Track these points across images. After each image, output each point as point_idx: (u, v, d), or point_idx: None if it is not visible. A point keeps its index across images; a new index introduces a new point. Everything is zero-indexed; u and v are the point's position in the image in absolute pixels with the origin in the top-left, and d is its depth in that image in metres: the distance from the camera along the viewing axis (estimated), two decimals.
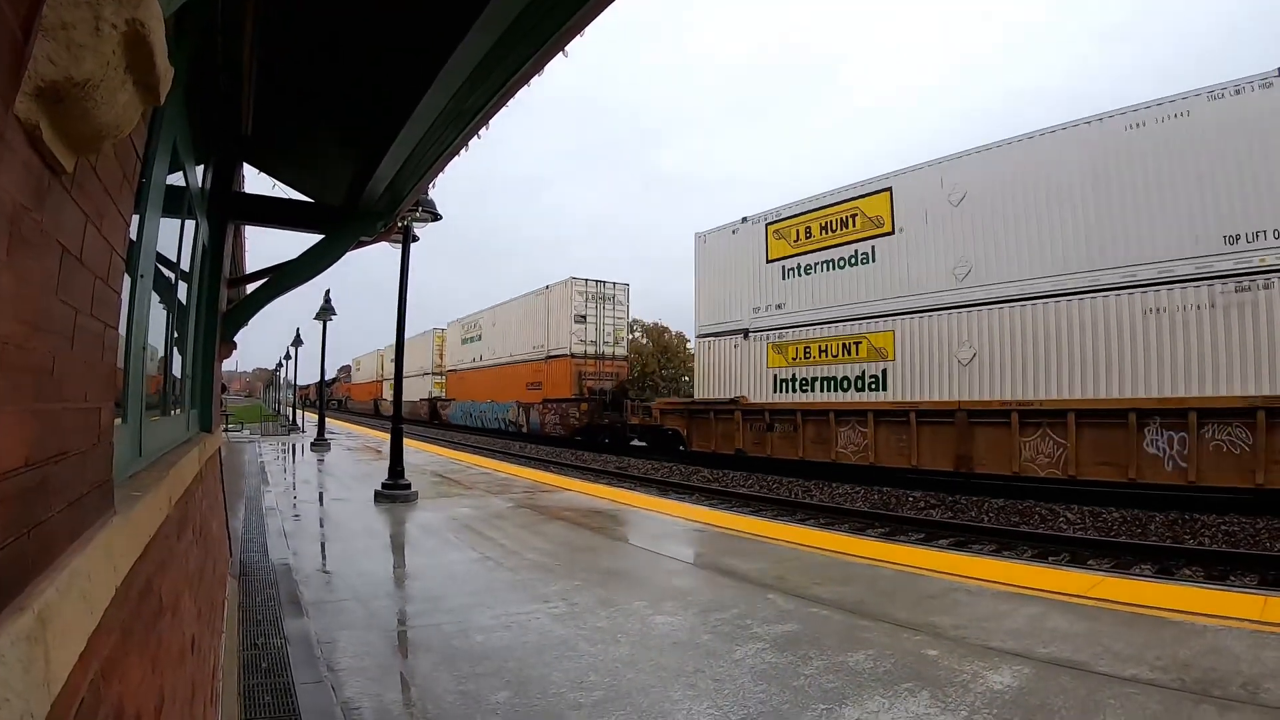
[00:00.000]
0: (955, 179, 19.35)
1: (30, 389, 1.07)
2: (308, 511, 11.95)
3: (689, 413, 26.88)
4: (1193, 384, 14.53)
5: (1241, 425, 13.41)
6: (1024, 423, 16.47)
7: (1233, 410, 13.57)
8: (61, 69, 0.99)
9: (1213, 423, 13.78)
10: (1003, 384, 17.81)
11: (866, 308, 21.34)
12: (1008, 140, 18.64)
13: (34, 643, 0.93)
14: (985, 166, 18.80)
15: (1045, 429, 16.12)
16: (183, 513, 3.15)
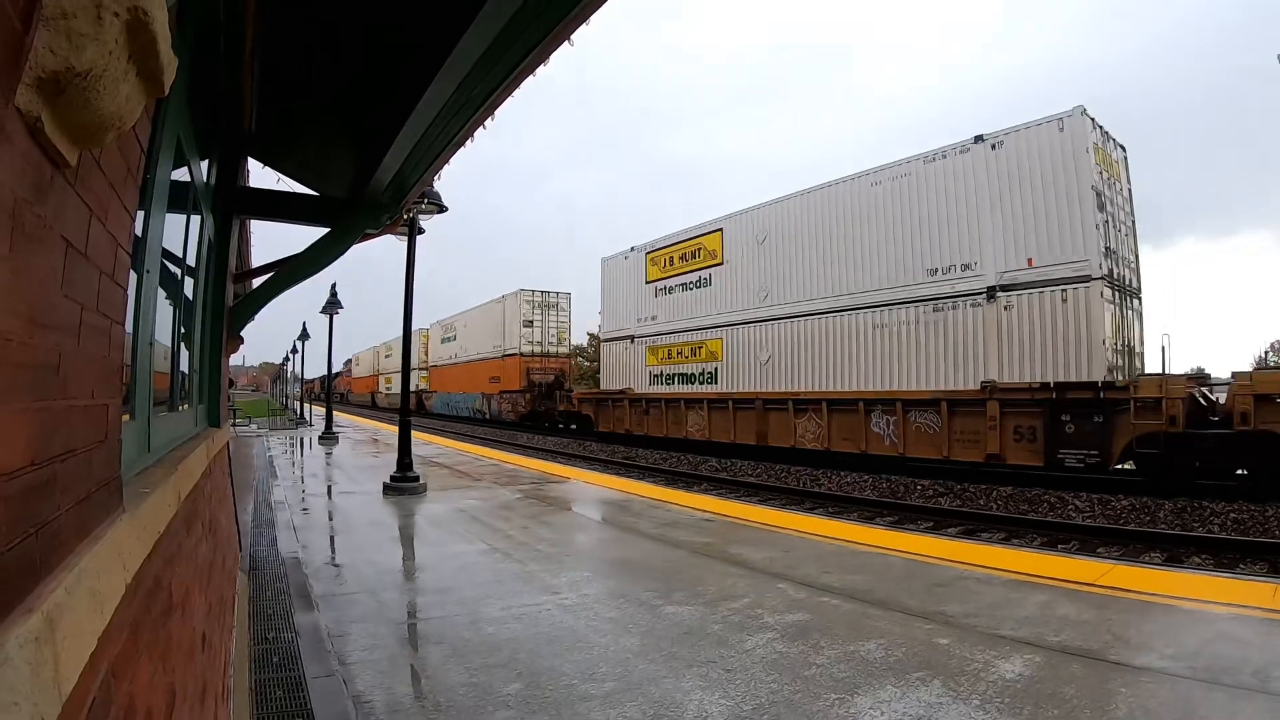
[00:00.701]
0: (761, 224, 25.96)
1: (36, 386, 1.06)
2: (316, 505, 11.99)
3: (595, 400, 34.39)
4: (902, 381, 20.05)
5: (933, 412, 18.78)
6: (797, 408, 22.83)
7: (926, 400, 18.95)
8: (63, 59, 0.97)
9: (915, 410, 19.24)
10: (787, 379, 24.13)
11: (706, 320, 28.15)
12: (794, 193, 24.78)
13: (42, 644, 0.91)
14: (778, 214, 25.22)
15: (811, 413, 22.41)
16: (191, 508, 3.14)
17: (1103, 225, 16.63)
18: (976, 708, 3.95)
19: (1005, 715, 3.86)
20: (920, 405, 19.06)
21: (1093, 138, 16.94)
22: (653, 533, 8.95)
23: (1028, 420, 16.74)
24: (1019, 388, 17.02)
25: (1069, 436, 16.02)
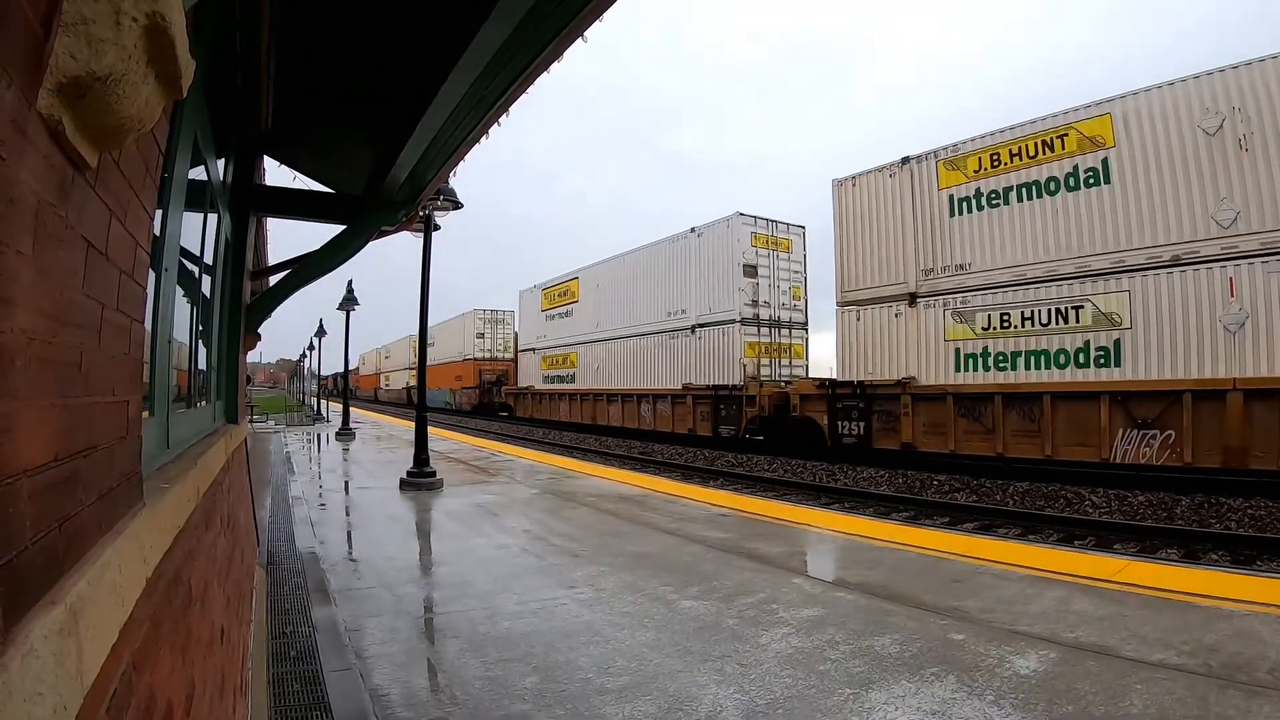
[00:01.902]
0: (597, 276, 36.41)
1: (58, 383, 1.08)
2: (333, 500, 12.05)
3: (515, 394, 46.08)
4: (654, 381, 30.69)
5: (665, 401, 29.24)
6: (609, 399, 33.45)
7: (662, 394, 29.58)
8: (83, 64, 0.99)
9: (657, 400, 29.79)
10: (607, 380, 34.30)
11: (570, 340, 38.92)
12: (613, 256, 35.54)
13: (66, 635, 0.94)
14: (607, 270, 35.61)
15: (619, 401, 32.66)
16: (210, 503, 3.18)
17: (749, 287, 26.59)
18: (991, 703, 3.95)
19: (1020, 711, 3.85)
20: (659, 397, 29.65)
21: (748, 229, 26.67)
22: (668, 527, 8.97)
23: (706, 407, 26.48)
24: (701, 387, 27.21)
25: (723, 417, 25.49)
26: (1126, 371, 15.17)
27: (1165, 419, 14.17)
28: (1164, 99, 14.98)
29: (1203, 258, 14.13)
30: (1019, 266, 17.15)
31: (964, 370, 18.17)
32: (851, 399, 20.38)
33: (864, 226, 21.25)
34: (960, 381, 18.05)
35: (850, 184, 21.75)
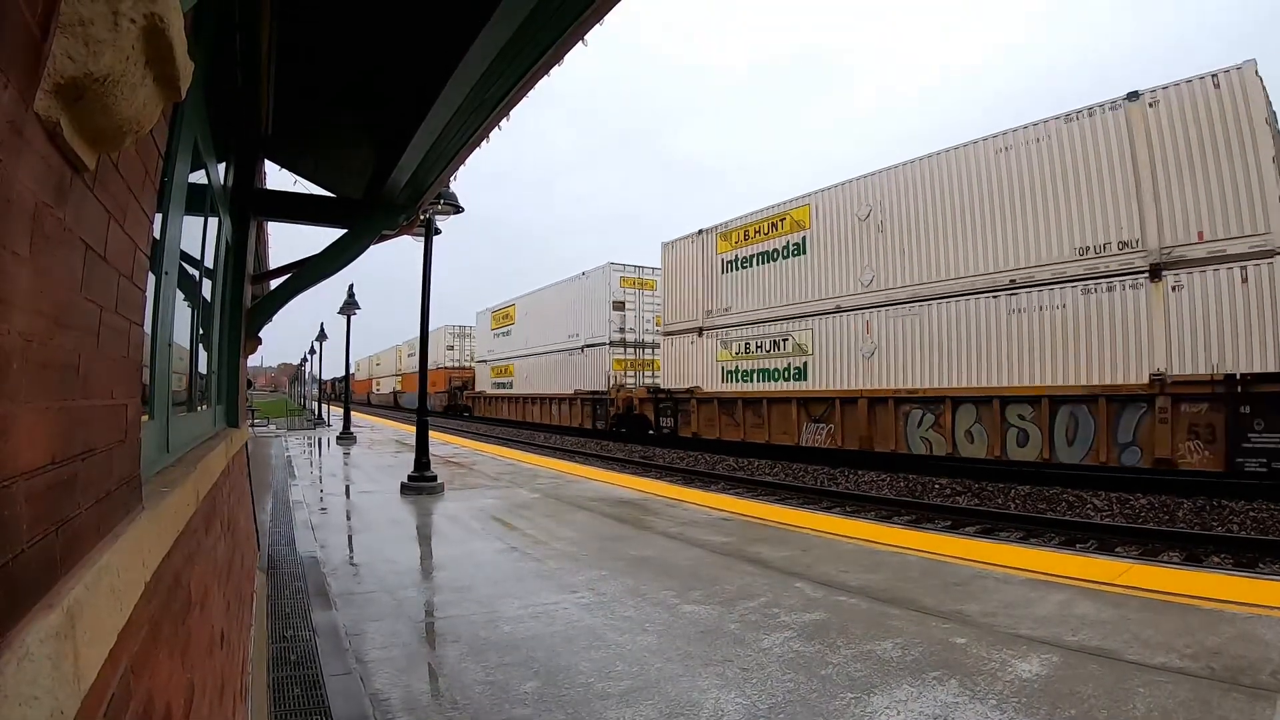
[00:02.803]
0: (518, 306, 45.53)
1: (57, 386, 1.08)
2: (334, 504, 12.05)
3: (472, 397, 53.63)
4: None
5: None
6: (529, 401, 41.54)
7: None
8: (80, 65, 0.98)
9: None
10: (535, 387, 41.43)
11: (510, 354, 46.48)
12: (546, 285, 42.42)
13: (63, 639, 0.93)
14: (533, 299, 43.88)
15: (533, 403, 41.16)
16: (210, 507, 3.17)
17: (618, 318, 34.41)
18: (993, 707, 3.94)
19: (1022, 715, 3.84)
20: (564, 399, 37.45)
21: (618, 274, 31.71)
22: (670, 531, 8.96)
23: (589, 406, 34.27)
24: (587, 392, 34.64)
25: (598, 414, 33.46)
26: (809, 384, 22.31)
27: (828, 416, 21.17)
28: (838, 195, 21.85)
29: (852, 306, 20.98)
30: (755, 310, 24.70)
31: (726, 382, 25.79)
32: (665, 401, 28.52)
33: (676, 278, 29.28)
34: (723, 390, 25.72)
35: (671, 246, 29.65)
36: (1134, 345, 15.04)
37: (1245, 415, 13.22)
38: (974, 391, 17.45)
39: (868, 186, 20.85)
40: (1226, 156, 13.97)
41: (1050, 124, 16.65)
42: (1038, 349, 16.50)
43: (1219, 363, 13.85)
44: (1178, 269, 14.46)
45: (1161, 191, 14.81)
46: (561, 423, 37.76)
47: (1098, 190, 15.72)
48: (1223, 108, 14.02)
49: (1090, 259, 15.81)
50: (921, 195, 19.29)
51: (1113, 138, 15.53)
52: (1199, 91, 14.41)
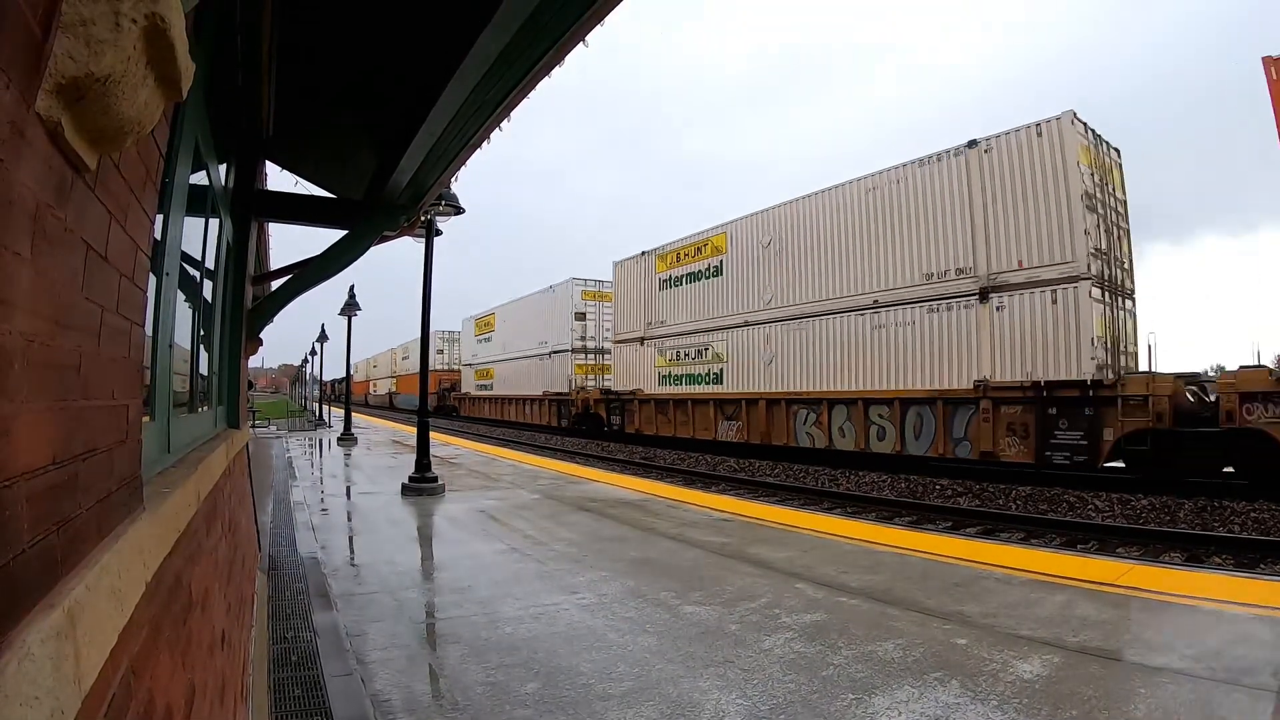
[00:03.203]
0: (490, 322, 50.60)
1: (57, 386, 1.08)
2: (335, 505, 12.05)
3: (459, 398, 58.20)
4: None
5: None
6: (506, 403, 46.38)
7: None
8: (82, 65, 0.98)
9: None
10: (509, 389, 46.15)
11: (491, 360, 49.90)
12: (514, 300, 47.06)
13: (64, 639, 0.93)
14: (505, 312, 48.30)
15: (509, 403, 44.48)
16: (211, 508, 3.17)
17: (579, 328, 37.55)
18: (995, 708, 3.93)
19: (1023, 715, 3.84)
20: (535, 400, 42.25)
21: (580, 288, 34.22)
22: (671, 533, 8.96)
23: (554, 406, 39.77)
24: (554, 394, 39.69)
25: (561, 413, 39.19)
26: (723, 388, 26.30)
27: (737, 415, 25.22)
28: (748, 224, 25.75)
29: (756, 321, 24.87)
30: (684, 323, 28.87)
31: (663, 385, 29.88)
32: (615, 402, 32.90)
33: (624, 293, 33.41)
34: (659, 392, 29.90)
35: (620, 265, 33.88)
36: (964, 356, 18.08)
37: (1052, 416, 16.24)
38: (845, 394, 21.11)
39: (770, 218, 24.74)
40: (1044, 195, 16.68)
41: (908, 167, 19.76)
42: (893, 359, 19.84)
43: (1031, 371, 16.70)
44: (1001, 292, 17.38)
45: (991, 225, 17.66)
46: (533, 421, 42.75)
47: (942, 224, 18.76)
48: (1043, 153, 16.71)
49: (934, 283, 18.90)
50: (809, 227, 22.94)
51: (955, 179, 18.43)
52: (1024, 139, 17.10)
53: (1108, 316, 16.56)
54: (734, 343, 25.88)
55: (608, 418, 33.43)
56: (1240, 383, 13.94)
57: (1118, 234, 17.55)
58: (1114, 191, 17.61)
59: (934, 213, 18.93)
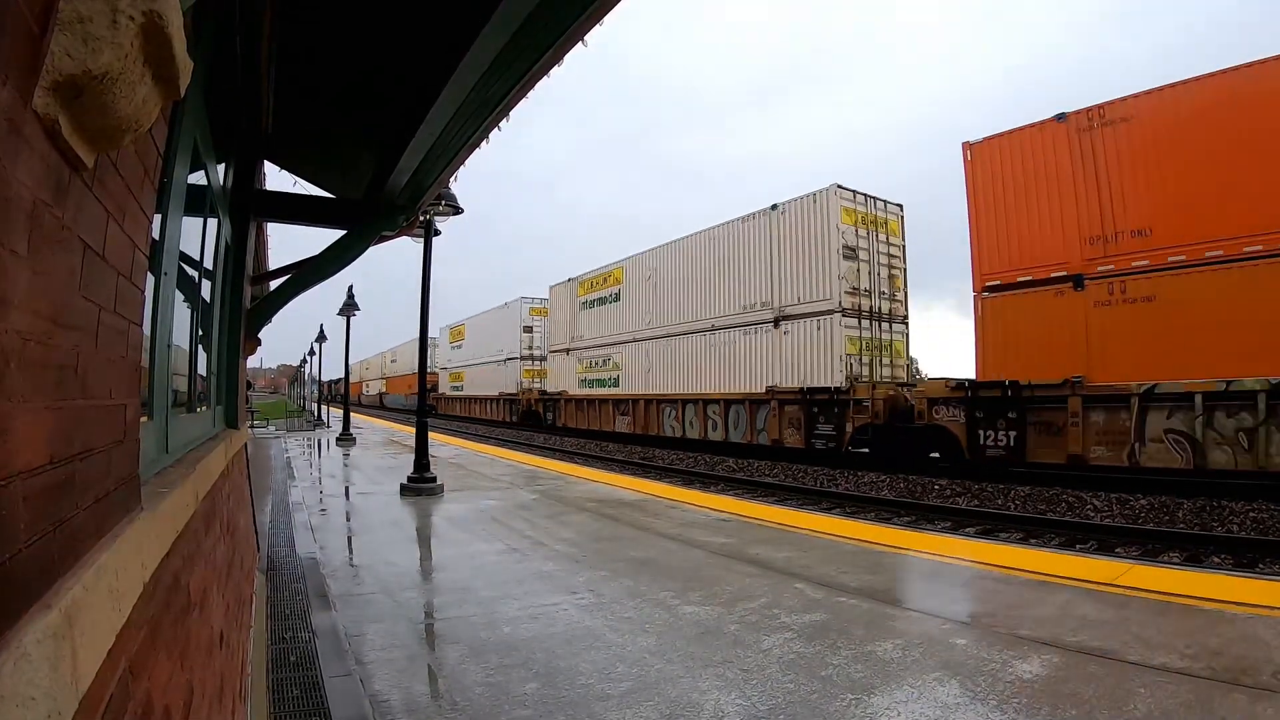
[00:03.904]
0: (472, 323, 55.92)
1: (54, 386, 1.07)
2: (334, 505, 12.04)
3: (437, 398, 61.49)
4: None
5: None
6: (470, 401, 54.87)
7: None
8: (79, 62, 0.98)
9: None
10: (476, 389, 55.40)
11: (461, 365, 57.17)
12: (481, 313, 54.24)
13: (61, 640, 0.93)
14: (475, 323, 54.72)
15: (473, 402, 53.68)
16: (210, 508, 3.17)
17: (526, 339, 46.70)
18: (994, 708, 3.93)
19: (1024, 715, 3.84)
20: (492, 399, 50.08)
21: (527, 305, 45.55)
22: (670, 533, 8.96)
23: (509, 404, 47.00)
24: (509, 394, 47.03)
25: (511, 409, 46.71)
26: (619, 390, 33.51)
27: (627, 411, 32.33)
28: (639, 261, 32.96)
29: (641, 338, 32.01)
30: (595, 339, 36.21)
31: (581, 388, 37.30)
32: (549, 401, 41.06)
33: (557, 312, 41.11)
34: (579, 394, 37.32)
35: (554, 289, 41.46)
36: (764, 368, 24.81)
37: (814, 413, 22.54)
38: (692, 395, 28.06)
39: (653, 256, 31.87)
40: (815, 247, 23.00)
41: (733, 224, 26.82)
42: (722, 370, 26.73)
43: (803, 380, 23.05)
44: (787, 320, 23.98)
45: (782, 270, 24.26)
46: (493, 418, 50.22)
47: (754, 268, 25.54)
48: (815, 216, 23.06)
49: (748, 313, 25.73)
50: (675, 265, 29.98)
51: (762, 234, 25.11)
52: (804, 204, 23.51)
53: (863, 339, 22.54)
54: (627, 355, 33.35)
55: (544, 414, 41.85)
56: (928, 390, 19.42)
57: (890, 274, 23.64)
58: (889, 239, 23.66)
59: (749, 259, 25.85)
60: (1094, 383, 15.59)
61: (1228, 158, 14.12)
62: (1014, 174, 17.60)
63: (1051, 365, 16.24)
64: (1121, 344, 15.48)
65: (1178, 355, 14.39)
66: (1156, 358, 14.74)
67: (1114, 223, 15.82)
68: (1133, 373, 14.93)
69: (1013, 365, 17.30)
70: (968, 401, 17.86)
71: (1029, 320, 17.15)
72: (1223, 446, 13.58)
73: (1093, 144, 16.13)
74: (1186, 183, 14.70)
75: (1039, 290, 16.95)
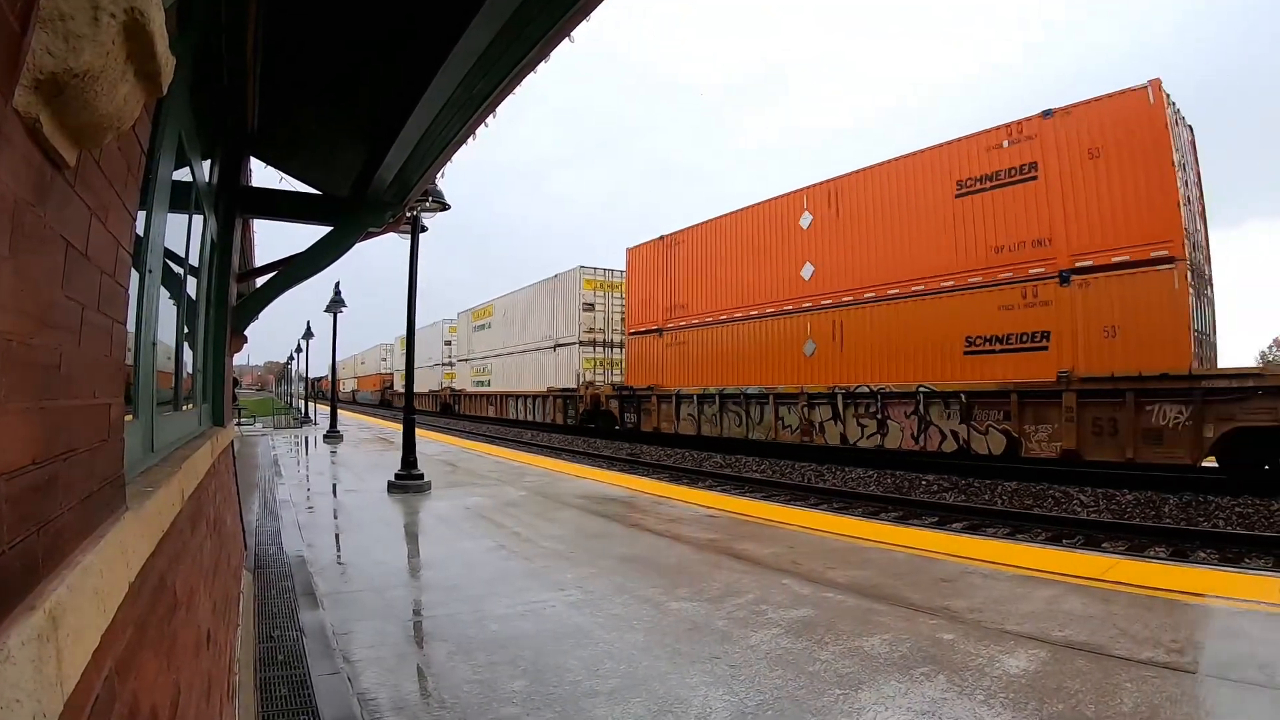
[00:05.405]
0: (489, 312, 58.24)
1: (37, 385, 1.06)
2: (321, 503, 11.99)
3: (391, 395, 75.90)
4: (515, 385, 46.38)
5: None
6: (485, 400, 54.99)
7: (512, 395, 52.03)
8: (60, 60, 0.97)
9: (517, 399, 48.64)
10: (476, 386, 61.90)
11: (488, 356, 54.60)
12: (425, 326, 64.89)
13: (45, 641, 0.92)
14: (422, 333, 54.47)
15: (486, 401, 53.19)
16: (196, 507, 3.15)
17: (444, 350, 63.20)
18: (981, 703, 3.95)
19: (1010, 710, 3.86)
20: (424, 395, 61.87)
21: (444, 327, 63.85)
22: (657, 529, 8.97)
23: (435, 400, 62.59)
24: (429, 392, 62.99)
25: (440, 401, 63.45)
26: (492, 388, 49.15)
27: (497, 402, 47.50)
28: (502, 302, 48.49)
29: (519, 350, 44.01)
30: (483, 351, 51.02)
31: (475, 387, 51.70)
32: (454, 395, 56.98)
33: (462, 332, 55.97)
34: (471, 390, 52.56)
35: (461, 315, 56.31)
36: (545, 374, 39.64)
37: (566, 403, 37.23)
38: (514, 392, 43.75)
39: (508, 301, 47.20)
40: (567, 305, 37.53)
41: (540, 284, 41.57)
42: (542, 373, 39.92)
43: (564, 384, 36.81)
44: (559, 347, 38.41)
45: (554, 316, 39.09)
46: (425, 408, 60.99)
47: (548, 317, 39.96)
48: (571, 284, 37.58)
49: (542, 341, 39.94)
50: (521, 307, 44.20)
51: (548, 293, 40.11)
52: (568, 276, 38.05)
53: (597, 358, 37.04)
54: (500, 364, 47.87)
55: (453, 404, 57.95)
56: (604, 391, 33.97)
57: (621, 317, 35.85)
58: (619, 295, 36.30)
59: (547, 311, 40.30)
60: (663, 388, 29.54)
61: (719, 266, 27.12)
62: (643, 268, 31.86)
63: (647, 378, 30.85)
64: (674, 367, 29.25)
65: (693, 374, 28.01)
66: (685, 375, 28.48)
67: (675, 299, 29.48)
68: (677, 383, 28.78)
69: (634, 378, 32.11)
70: (619, 397, 32.92)
71: (643, 353, 31.60)
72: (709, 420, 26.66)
73: (670, 256, 29.92)
74: (702, 279, 28.10)
75: (645, 336, 31.33)
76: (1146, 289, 15.01)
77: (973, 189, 18.25)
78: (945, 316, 18.63)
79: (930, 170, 19.33)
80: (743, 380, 25.13)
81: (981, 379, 17.68)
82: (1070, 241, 16.30)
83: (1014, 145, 17.46)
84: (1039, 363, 16.59)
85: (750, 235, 25.50)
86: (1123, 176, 15.57)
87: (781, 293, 23.79)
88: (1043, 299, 16.69)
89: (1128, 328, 15.29)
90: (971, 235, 18.21)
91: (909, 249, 19.55)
